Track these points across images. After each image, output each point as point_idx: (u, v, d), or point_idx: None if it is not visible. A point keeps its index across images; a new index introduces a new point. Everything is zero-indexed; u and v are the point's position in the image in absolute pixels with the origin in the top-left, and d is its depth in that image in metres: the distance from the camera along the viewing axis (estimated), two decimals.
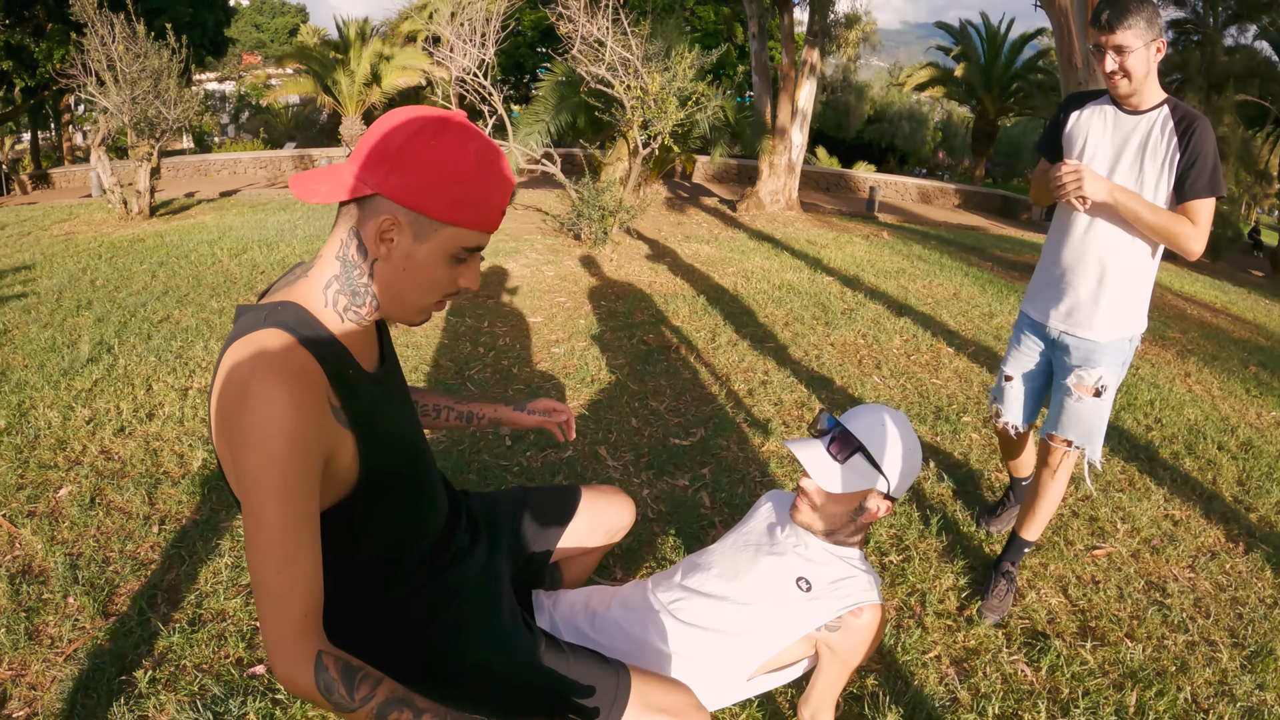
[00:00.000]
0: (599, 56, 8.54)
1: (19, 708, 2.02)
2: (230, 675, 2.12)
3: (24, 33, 17.63)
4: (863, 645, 1.57)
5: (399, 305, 1.15)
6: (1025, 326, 2.48)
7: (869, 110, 32.27)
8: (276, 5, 51.96)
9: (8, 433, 3.51)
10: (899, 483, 1.60)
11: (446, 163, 1.06)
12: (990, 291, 6.74)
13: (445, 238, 1.10)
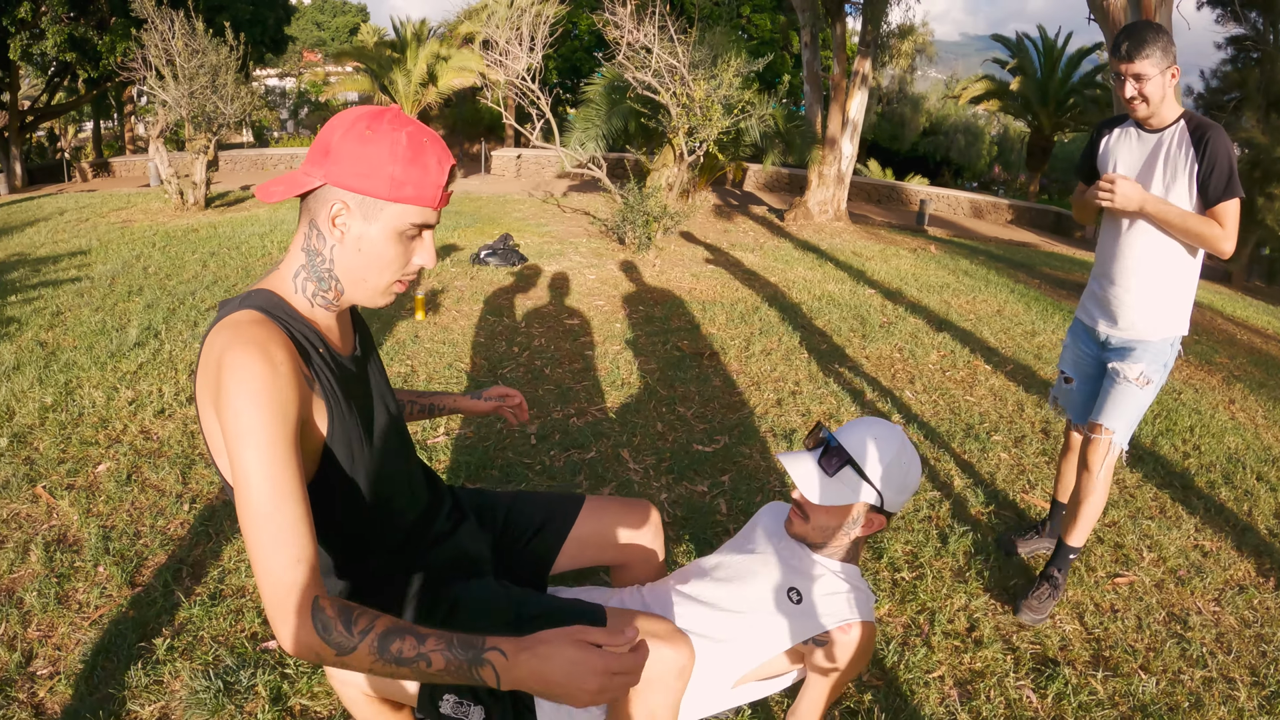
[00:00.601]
0: (646, 63, 8.59)
1: (43, 666, 2.12)
2: (244, 648, 2.21)
3: (87, 26, 18.30)
4: (850, 661, 1.56)
5: (361, 287, 1.23)
6: (1079, 332, 2.63)
7: (925, 123, 31.88)
8: (337, 4, 53.03)
9: (53, 410, 3.66)
10: (891, 497, 1.59)
11: (381, 147, 1.14)
12: (1035, 309, 6.62)
13: (391, 215, 1.17)
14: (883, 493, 1.58)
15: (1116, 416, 2.41)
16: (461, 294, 6.20)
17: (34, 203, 12.66)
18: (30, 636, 2.24)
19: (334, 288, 1.23)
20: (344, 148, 1.15)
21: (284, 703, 2.02)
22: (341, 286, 1.23)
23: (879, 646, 2.31)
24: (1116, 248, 2.40)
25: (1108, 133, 2.44)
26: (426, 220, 1.20)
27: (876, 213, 16.45)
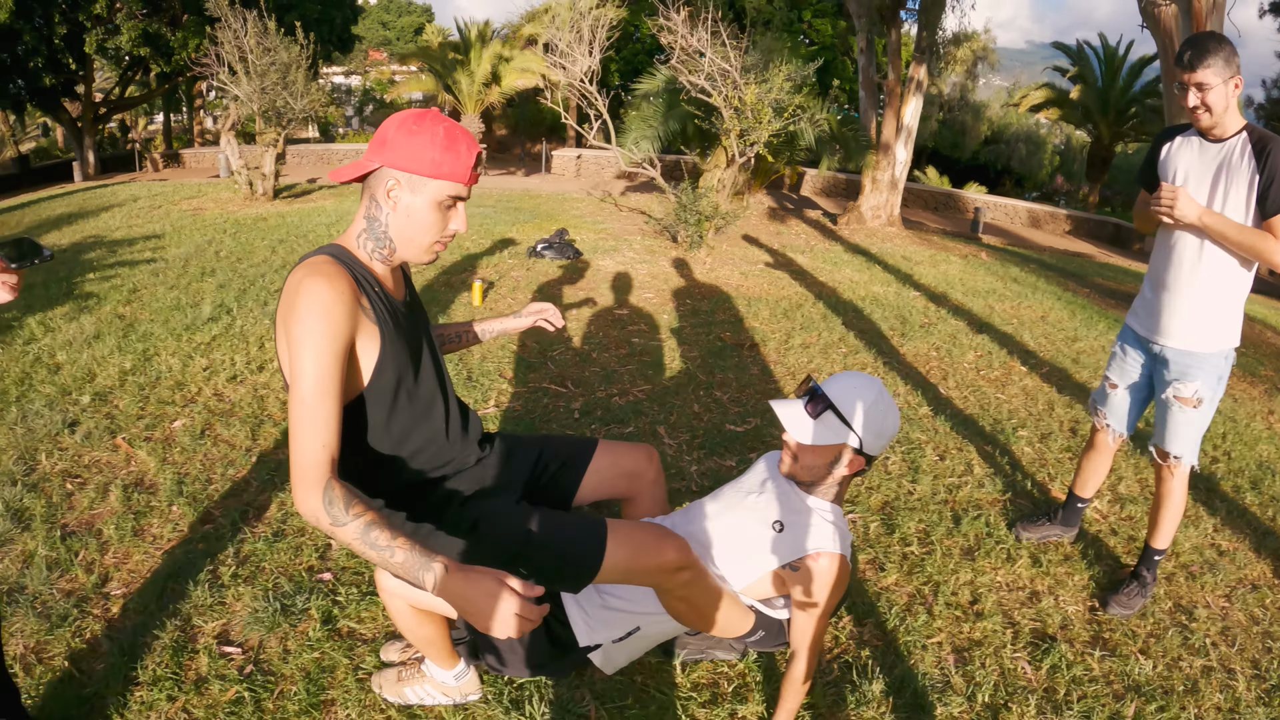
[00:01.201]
0: (699, 66, 8.75)
1: (116, 587, 2.40)
2: (301, 578, 2.47)
3: (161, 22, 19.14)
4: (822, 589, 1.75)
5: (409, 245, 1.57)
6: (1128, 339, 2.66)
7: (986, 131, 31.35)
8: (403, 4, 54.10)
9: (132, 373, 3.98)
10: (869, 440, 1.79)
11: (424, 137, 1.49)
12: (1080, 316, 6.62)
13: (432, 189, 1.52)
14: (862, 436, 1.78)
15: (1180, 442, 2.47)
16: (517, 283, 6.44)
17: (108, 189, 13.32)
18: (107, 563, 2.51)
19: (388, 246, 1.57)
20: (397, 139, 1.49)
21: (333, 624, 2.26)
22: (394, 245, 1.57)
23: (881, 611, 2.45)
24: (1171, 257, 2.42)
25: (1169, 141, 2.44)
26: (459, 193, 1.54)
27: (932, 220, 16.34)
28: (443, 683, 2.00)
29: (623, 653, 1.92)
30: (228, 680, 2.04)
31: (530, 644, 1.86)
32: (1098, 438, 2.81)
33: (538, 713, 1.98)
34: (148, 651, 2.13)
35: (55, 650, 2.13)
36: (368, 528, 1.33)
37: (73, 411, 3.53)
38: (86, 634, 2.20)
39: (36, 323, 4.81)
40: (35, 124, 32.58)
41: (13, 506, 2.77)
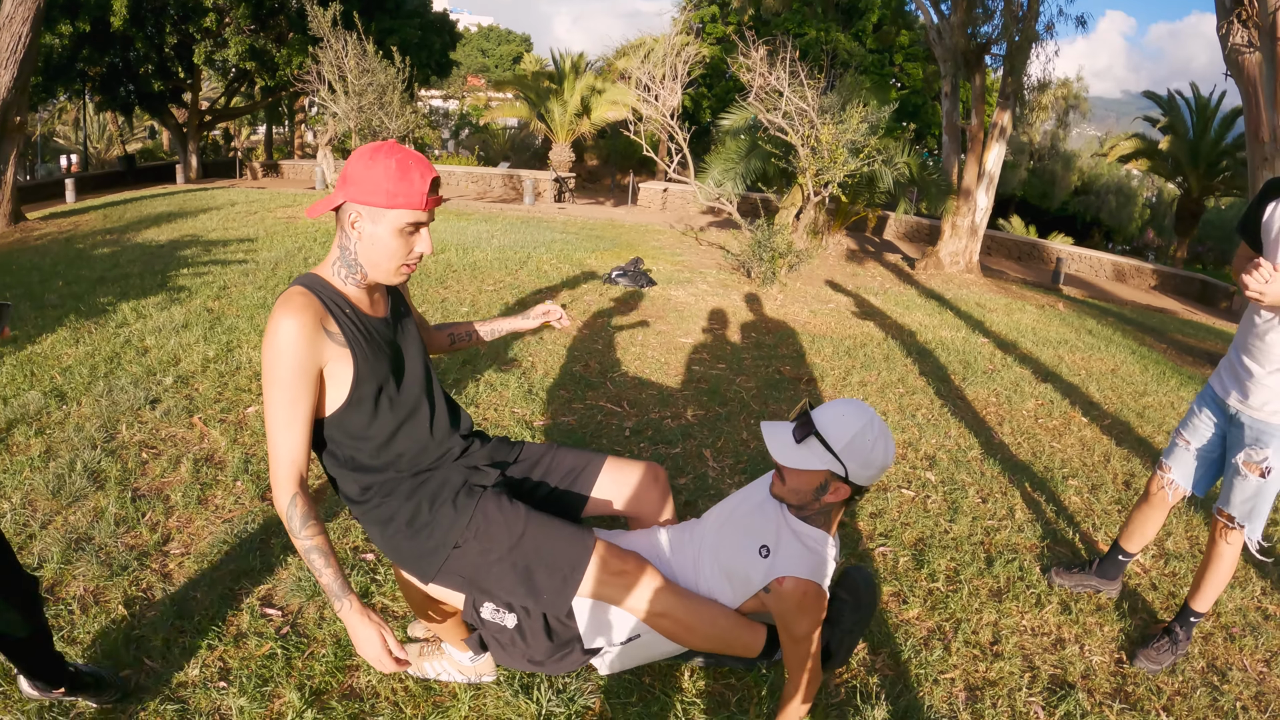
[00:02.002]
0: (777, 105, 8.87)
1: (177, 547, 2.60)
2: (345, 555, 2.63)
3: (267, 39, 20.27)
4: (792, 612, 1.79)
5: (377, 270, 1.70)
6: (1207, 399, 2.58)
7: (1076, 181, 30.59)
8: (502, 34, 55.92)
9: (214, 361, 4.24)
10: (854, 469, 1.79)
11: (378, 170, 1.61)
12: (1152, 371, 6.44)
13: (391, 219, 1.64)
14: (845, 463, 1.78)
15: (1243, 508, 2.41)
16: (588, 307, 6.60)
17: (208, 193, 14.09)
18: (170, 525, 2.72)
19: (360, 271, 1.71)
20: (355, 173, 1.62)
21: (369, 599, 2.42)
22: (365, 270, 1.70)
23: (898, 642, 2.46)
24: (1259, 325, 2.33)
25: (1276, 198, 2.25)
26: (418, 220, 1.66)
27: (1014, 269, 16.05)
28: (459, 661, 2.12)
29: (624, 658, 1.98)
30: (264, 637, 2.20)
31: (533, 641, 1.93)
32: (1155, 491, 2.72)
33: (544, 699, 2.08)
34: (195, 605, 2.31)
35: (112, 595, 2.32)
36: (312, 549, 1.59)
37: (155, 390, 3.79)
38: (142, 584, 2.39)
39: (130, 309, 5.17)
40: (143, 126, 34.68)
41: (90, 468, 3.01)
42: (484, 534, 1.81)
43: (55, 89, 19.60)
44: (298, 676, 2.07)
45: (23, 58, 9.24)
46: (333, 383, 1.67)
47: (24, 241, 9.11)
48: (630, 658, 1.97)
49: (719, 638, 1.89)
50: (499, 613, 1.92)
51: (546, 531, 1.83)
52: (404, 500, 1.81)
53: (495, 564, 1.81)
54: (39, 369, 4.00)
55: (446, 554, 1.80)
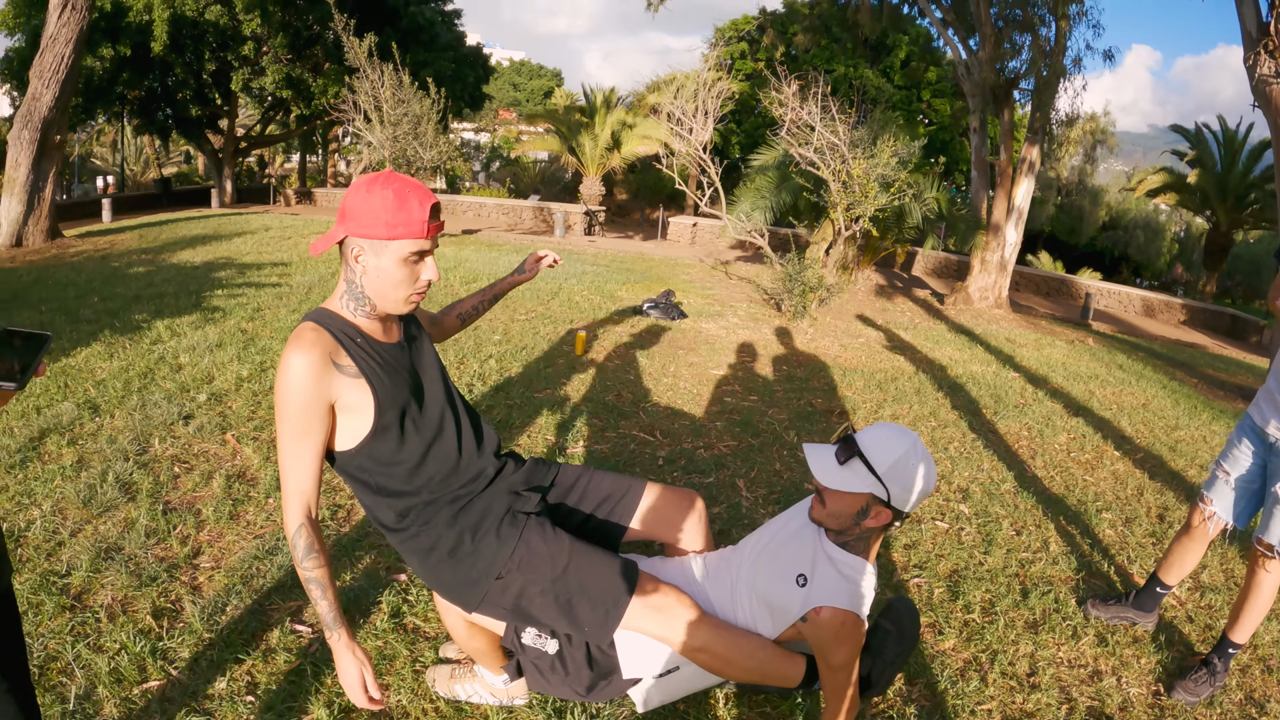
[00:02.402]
0: (808, 139, 8.91)
1: (207, 560, 2.60)
2: (378, 575, 2.62)
3: (304, 68, 20.71)
4: (830, 642, 1.76)
5: (385, 300, 1.68)
6: (1247, 429, 2.55)
7: (1104, 216, 30.38)
8: (534, 68, 56.77)
9: (248, 380, 4.27)
10: (897, 493, 1.76)
11: (375, 202, 1.58)
12: (1184, 406, 6.33)
13: (394, 250, 1.62)
14: (888, 487, 1.76)
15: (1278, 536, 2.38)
16: (619, 338, 6.60)
17: (242, 217, 14.33)
18: (201, 539, 2.72)
19: (368, 303, 1.69)
20: (353, 207, 1.61)
21: (400, 619, 2.40)
22: (373, 302, 1.69)
23: (934, 673, 2.40)
24: None
25: None
26: (421, 248, 1.64)
27: (1042, 304, 15.92)
28: (491, 684, 2.09)
29: (661, 692, 1.95)
30: (293, 654, 2.18)
31: (573, 668, 1.91)
32: (1196, 525, 2.66)
33: None
34: (225, 619, 2.30)
35: (140, 606, 2.33)
36: (312, 580, 1.60)
37: (189, 406, 3.82)
38: (171, 596, 2.39)
39: (164, 326, 5.24)
40: (179, 151, 35.45)
41: (122, 479, 3.03)
42: (527, 565, 1.79)
43: (95, 110, 20.11)
44: (326, 694, 2.05)
45: (64, 78, 9.48)
46: (352, 414, 1.66)
47: (60, 258, 9.28)
48: (668, 691, 1.95)
49: (757, 670, 1.87)
50: (540, 638, 1.91)
51: (590, 563, 1.81)
52: (445, 528, 1.79)
53: (539, 596, 1.79)
54: (73, 381, 4.06)
55: (489, 585, 1.78)
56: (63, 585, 2.39)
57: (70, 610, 2.28)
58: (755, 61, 27.24)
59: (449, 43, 23.52)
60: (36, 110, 9.49)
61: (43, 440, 3.33)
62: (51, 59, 9.32)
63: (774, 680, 1.89)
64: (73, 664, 2.06)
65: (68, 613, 2.27)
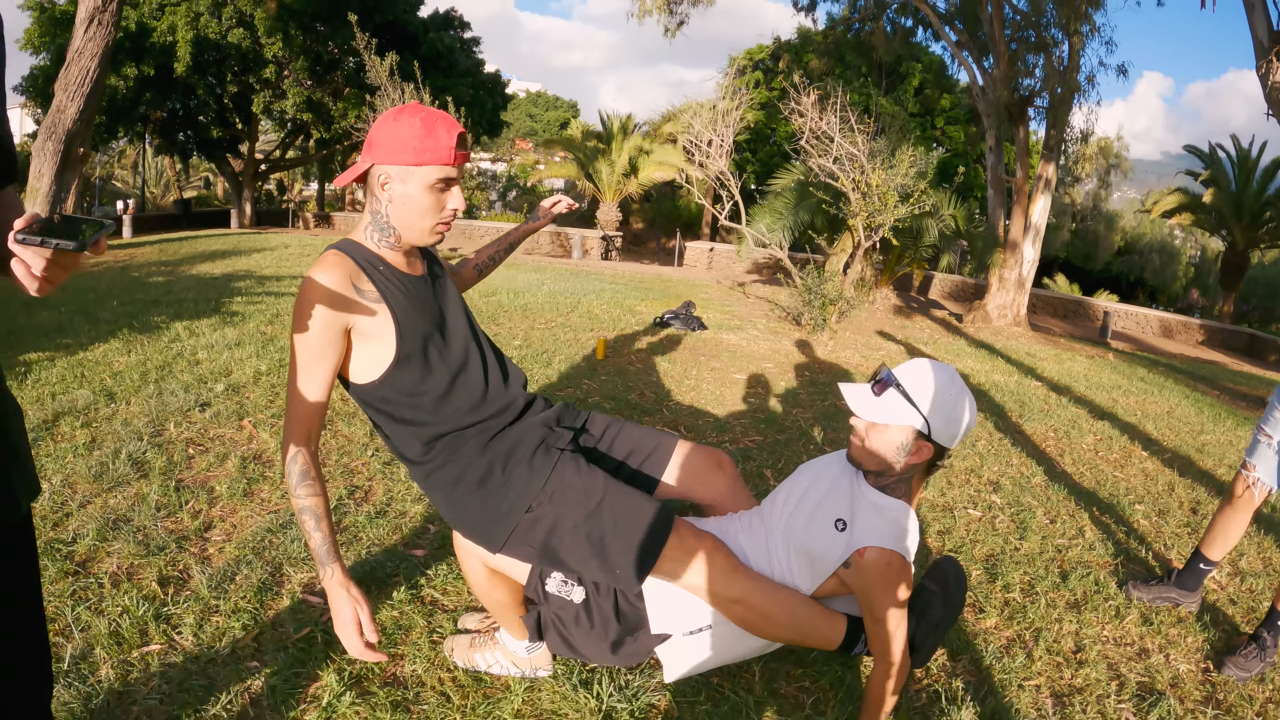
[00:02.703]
0: (827, 150, 8.90)
1: (218, 534, 2.53)
2: (398, 551, 2.53)
3: (324, 92, 20.95)
4: (875, 586, 1.66)
5: (411, 230, 1.66)
6: None
7: (1119, 241, 30.26)
8: (550, 100, 57.38)
9: (267, 374, 4.22)
10: (937, 425, 1.69)
11: (403, 129, 1.58)
12: (1208, 414, 6.20)
13: (421, 176, 1.60)
14: (928, 418, 1.68)
15: None
16: (640, 345, 6.53)
17: (262, 236, 14.43)
18: (213, 514, 2.65)
19: (393, 234, 1.67)
20: (380, 136, 1.59)
21: (418, 591, 2.31)
22: (398, 232, 1.67)
23: (978, 649, 2.30)
24: None
25: None
26: (448, 175, 1.62)
27: (1059, 325, 15.78)
28: (514, 653, 1.98)
29: (690, 654, 1.83)
30: (304, 623, 2.10)
31: (598, 623, 1.80)
32: (1240, 493, 2.56)
33: (605, 694, 1.94)
34: (234, 587, 2.22)
35: (146, 574, 2.25)
36: (305, 508, 1.52)
37: (205, 395, 3.77)
38: (179, 565, 2.31)
39: (183, 327, 5.21)
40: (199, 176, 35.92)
41: (135, 458, 2.97)
42: (559, 498, 1.70)
43: (118, 129, 20.31)
44: (338, 661, 1.96)
45: (89, 91, 9.58)
46: (373, 341, 1.62)
47: (79, 268, 9.25)
48: (698, 654, 1.82)
49: (796, 627, 1.76)
50: (566, 585, 1.80)
51: (626, 502, 1.72)
52: (474, 457, 1.72)
53: (570, 533, 1.70)
54: (89, 372, 4.01)
55: (518, 519, 1.69)
56: (67, 552, 2.31)
57: (73, 576, 2.20)
58: (770, 91, 27.35)
59: (468, 69, 23.75)
60: (60, 122, 9.58)
61: (56, 423, 3.27)
62: (77, 72, 9.43)
63: (813, 639, 1.78)
64: (71, 626, 1.98)
65: (70, 578, 2.19)
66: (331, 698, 1.82)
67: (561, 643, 1.83)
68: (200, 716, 1.74)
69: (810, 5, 17.71)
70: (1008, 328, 12.23)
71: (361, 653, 1.48)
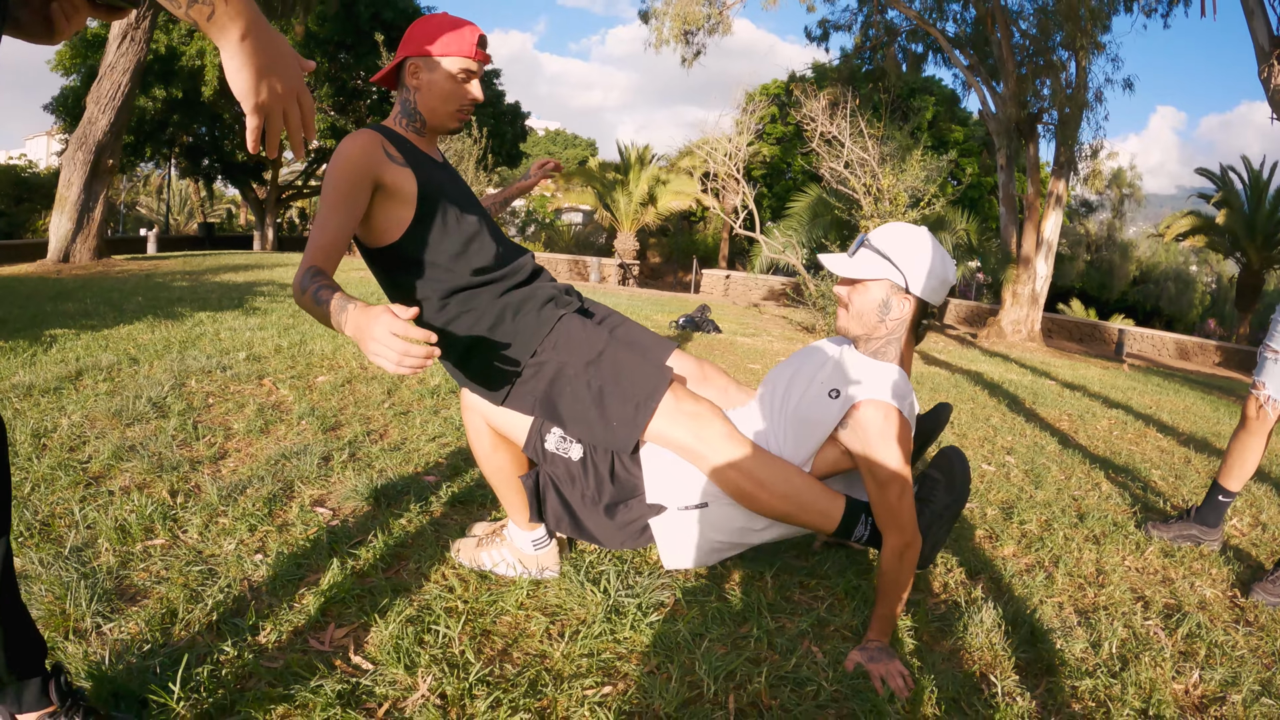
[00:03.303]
0: (838, 154, 9.00)
1: (232, 462, 2.54)
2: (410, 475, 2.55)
3: (348, 120, 21.32)
4: (875, 442, 1.66)
5: (435, 114, 1.83)
6: None
7: (1134, 270, 30.16)
8: (569, 138, 58.03)
9: (287, 348, 4.23)
10: (914, 276, 1.72)
11: (430, 27, 1.79)
12: (1223, 409, 6.19)
13: (445, 65, 1.79)
14: (904, 271, 1.71)
15: None
16: None
17: (284, 255, 14.63)
18: (228, 446, 2.67)
19: (419, 119, 1.85)
20: (413, 34, 1.80)
21: (426, 506, 2.31)
22: (423, 118, 1.84)
23: (997, 569, 2.27)
24: None
25: None
26: (469, 67, 1.80)
27: (1075, 347, 15.69)
28: (520, 549, 1.96)
29: (684, 533, 1.82)
30: (310, 528, 2.10)
31: (593, 483, 1.82)
32: (1252, 415, 2.52)
33: (613, 589, 1.91)
34: (243, 498, 2.22)
35: (157, 486, 2.26)
36: (318, 289, 1.47)
37: (226, 361, 3.80)
38: (190, 482, 2.32)
39: (206, 316, 5.28)
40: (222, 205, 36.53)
41: (155, 401, 3.00)
42: (563, 347, 1.78)
43: (145, 149, 20.70)
44: (341, 555, 1.95)
45: (120, 105, 9.83)
46: (398, 200, 1.73)
47: (105, 274, 9.42)
48: (692, 534, 1.81)
49: (793, 498, 1.74)
50: (565, 442, 1.81)
51: (627, 355, 1.80)
52: (487, 304, 1.81)
53: (571, 381, 1.75)
54: (114, 345, 4.06)
55: (522, 365, 1.77)
56: (81, 468, 2.33)
57: (84, 486, 2.22)
58: (785, 126, 27.60)
59: (488, 100, 24.15)
60: (91, 134, 9.81)
61: (79, 377, 3.31)
62: (109, 86, 9.69)
63: (810, 514, 1.76)
64: (78, 521, 2.00)
65: (81, 487, 2.21)
66: (331, 583, 1.80)
67: (558, 502, 1.83)
68: (197, 595, 1.73)
69: (823, 36, 17.88)
70: (1022, 343, 12.20)
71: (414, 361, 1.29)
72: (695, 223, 31.56)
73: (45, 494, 2.15)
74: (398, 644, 1.58)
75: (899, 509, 1.67)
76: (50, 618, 1.60)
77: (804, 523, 1.78)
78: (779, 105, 29.22)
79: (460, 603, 1.81)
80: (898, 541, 1.69)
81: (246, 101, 1.00)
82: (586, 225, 35.00)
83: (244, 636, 1.59)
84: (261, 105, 1.00)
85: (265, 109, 1.01)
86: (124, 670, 1.46)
